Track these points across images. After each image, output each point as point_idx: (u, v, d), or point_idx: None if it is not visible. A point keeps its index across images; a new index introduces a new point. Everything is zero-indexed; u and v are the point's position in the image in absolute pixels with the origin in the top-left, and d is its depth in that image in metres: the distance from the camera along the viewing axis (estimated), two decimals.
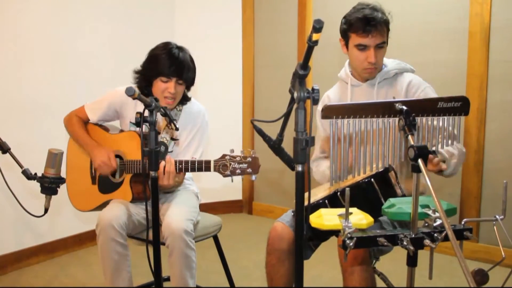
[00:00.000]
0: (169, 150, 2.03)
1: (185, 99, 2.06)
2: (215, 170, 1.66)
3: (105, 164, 1.90)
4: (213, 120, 2.26)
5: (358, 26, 1.67)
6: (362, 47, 1.71)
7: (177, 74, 1.89)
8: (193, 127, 2.06)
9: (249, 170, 1.63)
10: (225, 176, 1.65)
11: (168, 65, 1.88)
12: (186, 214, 1.87)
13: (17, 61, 2.68)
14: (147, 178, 1.73)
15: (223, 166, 1.64)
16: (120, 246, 1.81)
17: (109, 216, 1.79)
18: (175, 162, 1.73)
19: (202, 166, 1.69)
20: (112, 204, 1.89)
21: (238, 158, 1.64)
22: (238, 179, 1.66)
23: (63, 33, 2.89)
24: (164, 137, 2.01)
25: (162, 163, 1.72)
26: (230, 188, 3.94)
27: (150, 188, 1.55)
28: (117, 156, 1.99)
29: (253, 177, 1.65)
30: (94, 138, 2.04)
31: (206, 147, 2.09)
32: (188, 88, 2.03)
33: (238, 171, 1.63)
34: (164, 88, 1.91)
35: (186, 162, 1.72)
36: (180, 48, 1.94)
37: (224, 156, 1.65)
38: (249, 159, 1.63)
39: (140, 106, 1.97)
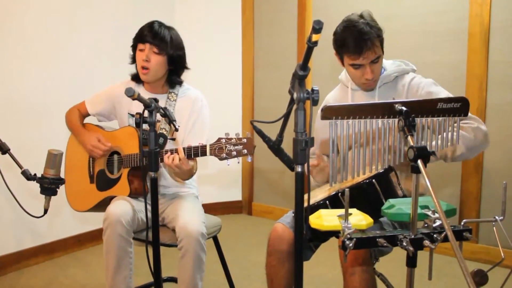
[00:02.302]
0: (170, 137, 2.03)
1: (174, 82, 2.04)
2: (211, 154, 1.66)
3: (95, 146, 1.95)
4: (213, 120, 2.26)
5: (349, 48, 1.66)
6: (356, 66, 1.70)
7: (151, 39, 1.91)
8: (192, 112, 2.04)
9: (245, 151, 1.63)
10: (221, 159, 1.64)
11: (144, 31, 1.93)
12: (201, 216, 1.89)
13: (17, 61, 2.68)
14: (145, 171, 1.72)
15: (219, 149, 1.64)
16: (125, 242, 1.81)
17: (118, 212, 1.80)
18: (171, 151, 1.73)
19: (198, 151, 1.69)
20: (119, 200, 1.89)
21: (233, 140, 1.63)
22: (235, 164, 1.66)
23: (63, 33, 2.89)
24: (163, 128, 2.01)
25: (172, 157, 1.72)
26: (230, 189, 3.94)
27: (150, 188, 1.55)
28: (115, 152, 2.00)
29: (249, 158, 1.63)
30: None
31: (210, 131, 2.08)
32: (176, 68, 2.01)
33: (233, 153, 1.63)
34: (141, 57, 1.93)
35: (182, 148, 1.72)
36: (164, 25, 1.98)
37: (219, 139, 1.66)
38: (244, 140, 1.63)
39: None
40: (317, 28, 0.97)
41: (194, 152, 1.70)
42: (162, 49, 1.93)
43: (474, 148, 1.60)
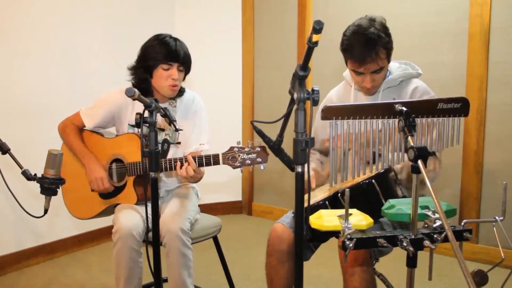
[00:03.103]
0: (176, 141, 2.04)
1: (180, 91, 2.06)
2: (224, 163, 1.68)
3: (99, 181, 1.91)
4: (213, 120, 2.26)
5: (352, 55, 1.64)
6: (357, 73, 1.69)
7: (177, 59, 1.92)
8: (192, 114, 2.06)
9: (259, 159, 1.65)
10: (235, 167, 1.66)
11: (168, 51, 1.90)
12: (184, 212, 1.87)
13: (17, 61, 2.68)
14: (148, 176, 1.72)
15: (233, 158, 1.66)
16: (135, 253, 1.82)
17: (130, 225, 1.79)
18: (181, 160, 1.74)
19: (210, 160, 1.70)
20: (128, 211, 1.88)
21: (246, 149, 1.65)
22: (238, 173, 1.67)
23: (62, 33, 2.89)
24: (167, 134, 2.01)
25: (184, 169, 1.72)
26: (230, 189, 3.94)
27: (150, 188, 1.55)
28: (117, 159, 1.99)
29: (262, 166, 1.66)
30: (90, 144, 2.03)
31: (209, 130, 2.10)
32: (184, 77, 2.04)
33: (248, 161, 1.65)
34: (167, 75, 1.92)
35: (193, 158, 1.73)
36: (174, 37, 1.97)
37: (232, 148, 1.67)
38: (257, 148, 1.65)
39: (137, 108, 1.97)
40: (318, 28, 0.97)
41: (206, 161, 1.71)
42: (187, 67, 1.98)
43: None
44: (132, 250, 1.80)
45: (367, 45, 1.59)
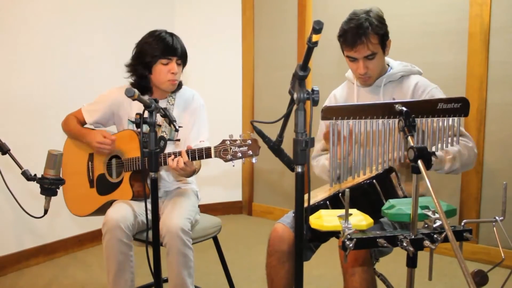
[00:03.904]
0: (175, 138, 2.04)
1: (178, 85, 2.07)
2: (216, 156, 1.67)
3: (102, 142, 1.92)
4: (213, 120, 2.26)
5: (345, 40, 1.70)
6: (351, 59, 1.73)
7: (175, 53, 1.94)
8: (192, 111, 2.07)
9: (250, 152, 1.63)
10: (226, 160, 1.65)
11: (165, 46, 1.92)
12: (184, 212, 1.87)
13: (17, 61, 2.68)
14: (145, 174, 1.72)
15: (224, 151, 1.65)
16: (125, 246, 1.82)
17: (117, 217, 1.80)
18: (175, 154, 1.74)
19: (202, 153, 1.69)
20: (118, 205, 1.89)
21: (238, 142, 1.64)
22: (238, 166, 1.66)
23: (63, 33, 2.89)
24: (164, 131, 2.01)
25: (176, 160, 1.72)
26: (230, 189, 3.94)
27: (150, 188, 1.55)
28: (115, 156, 1.99)
29: (254, 160, 1.64)
30: None
31: (209, 128, 2.10)
32: (181, 70, 2.05)
33: (239, 154, 1.63)
34: (167, 70, 1.94)
35: (186, 151, 1.73)
36: (169, 32, 1.99)
37: (223, 141, 1.66)
38: (249, 141, 1.64)
39: (136, 103, 1.98)
40: (317, 28, 0.97)
41: (199, 155, 1.70)
42: (184, 61, 2.00)
43: (465, 166, 1.64)
44: (121, 242, 1.80)
45: (358, 29, 1.65)
